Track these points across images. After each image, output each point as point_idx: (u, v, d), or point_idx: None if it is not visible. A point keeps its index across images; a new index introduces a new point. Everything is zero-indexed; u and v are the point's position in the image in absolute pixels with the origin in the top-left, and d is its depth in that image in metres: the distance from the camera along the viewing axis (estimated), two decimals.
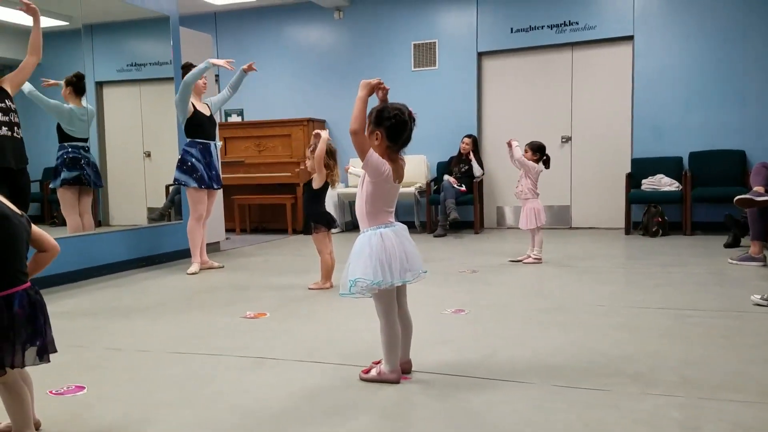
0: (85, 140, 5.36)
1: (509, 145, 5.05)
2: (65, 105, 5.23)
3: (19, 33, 5.90)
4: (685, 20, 7.00)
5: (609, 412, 1.98)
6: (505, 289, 4.05)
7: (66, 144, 5.25)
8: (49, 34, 6.18)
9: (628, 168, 7.18)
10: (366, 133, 2.24)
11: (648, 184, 6.91)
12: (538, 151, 5.05)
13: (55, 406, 2.17)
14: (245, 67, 5.26)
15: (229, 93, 5.34)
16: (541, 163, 5.04)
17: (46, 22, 5.92)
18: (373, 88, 2.24)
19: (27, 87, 4.82)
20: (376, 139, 2.25)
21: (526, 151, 5.05)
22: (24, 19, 4.24)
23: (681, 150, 7.03)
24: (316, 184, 4.14)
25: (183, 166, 4.99)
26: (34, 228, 1.89)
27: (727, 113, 6.87)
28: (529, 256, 5.03)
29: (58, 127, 5.21)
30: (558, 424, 1.91)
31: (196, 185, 4.99)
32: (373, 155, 2.21)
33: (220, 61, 5.02)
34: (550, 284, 4.21)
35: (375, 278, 2.17)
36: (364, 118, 2.19)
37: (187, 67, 5.07)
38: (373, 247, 2.21)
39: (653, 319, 3.17)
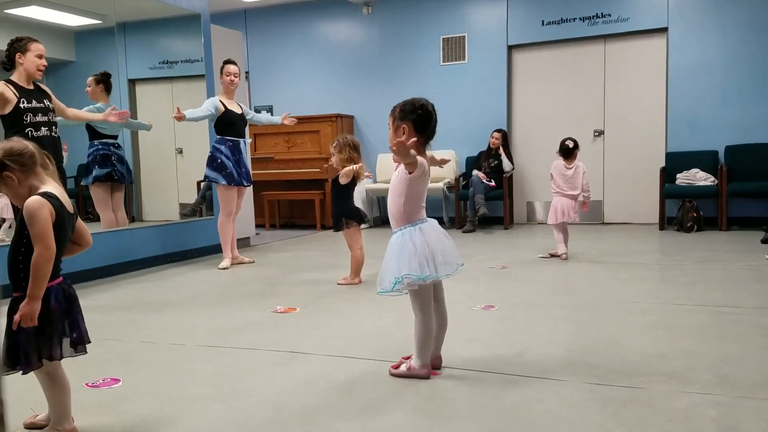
0: (115, 137, 5.45)
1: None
2: (95, 106, 5.31)
3: (57, 32, 6.02)
4: (721, 11, 6.83)
5: (644, 411, 1.95)
6: (536, 286, 4.01)
7: (96, 141, 5.34)
8: (83, 33, 6.30)
9: (662, 162, 7.05)
10: (392, 131, 2.28)
11: (683, 178, 6.77)
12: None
13: (90, 398, 2.21)
14: (284, 120, 5.43)
15: (255, 119, 5.52)
16: (556, 163, 4.99)
17: (81, 20, 6.04)
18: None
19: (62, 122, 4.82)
20: (404, 133, 2.25)
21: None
22: (62, 19, 4.31)
23: (716, 144, 6.87)
24: (343, 180, 4.15)
25: (213, 163, 5.05)
26: (80, 222, 1.93)
27: (764, 106, 6.69)
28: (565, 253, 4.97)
29: (88, 125, 5.30)
30: (592, 422, 1.88)
31: (225, 182, 5.04)
32: (419, 158, 2.21)
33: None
34: (582, 281, 4.15)
35: (423, 273, 2.17)
36: (414, 155, 2.16)
37: (224, 62, 5.12)
38: (417, 243, 2.21)
39: (689, 316, 3.11)
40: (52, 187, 1.82)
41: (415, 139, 2.17)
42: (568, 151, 4.99)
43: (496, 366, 2.41)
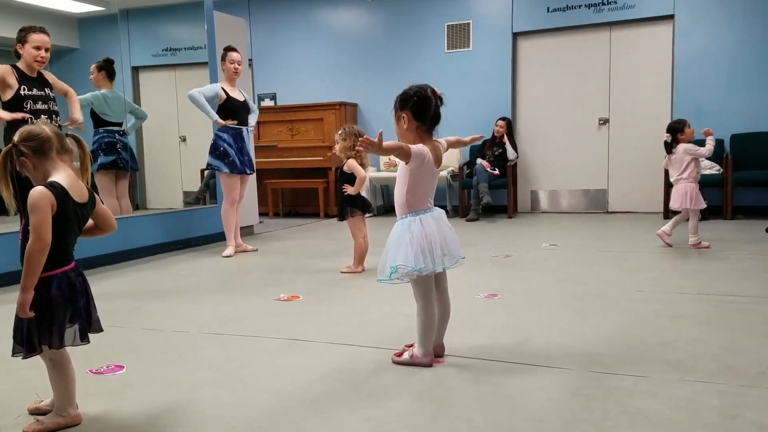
0: (120, 124, 5.44)
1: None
2: (96, 92, 5.30)
3: (60, 19, 6.00)
4: None
5: (647, 399, 1.95)
6: (540, 274, 4.00)
7: (101, 129, 5.34)
8: (87, 20, 6.29)
9: None
10: (395, 122, 2.28)
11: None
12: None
13: (94, 385, 2.22)
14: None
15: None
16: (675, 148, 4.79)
17: (84, 7, 6.03)
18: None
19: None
20: (405, 122, 2.23)
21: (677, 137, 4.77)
22: (65, 6, 4.30)
23: (722, 132, 6.82)
24: (348, 169, 4.14)
25: (215, 151, 5.04)
26: (102, 207, 1.94)
27: None
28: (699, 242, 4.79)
29: (93, 113, 5.30)
30: (595, 410, 1.88)
31: (228, 170, 5.03)
32: (413, 147, 2.19)
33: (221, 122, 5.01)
34: (586, 269, 4.14)
35: (417, 265, 2.16)
36: (400, 146, 2.17)
37: (225, 50, 5.09)
38: (415, 234, 2.20)
39: (693, 305, 3.10)
40: (63, 175, 1.81)
41: (371, 140, 2.08)
42: (666, 145, 4.86)
43: (499, 354, 2.41)
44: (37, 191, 1.73)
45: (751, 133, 6.68)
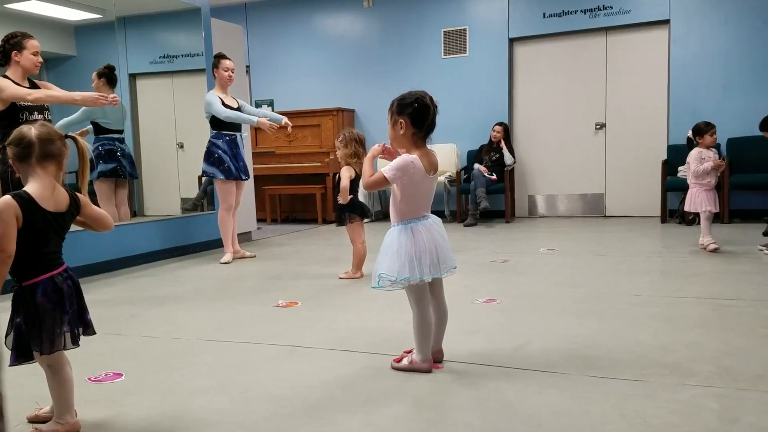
0: (120, 132, 5.45)
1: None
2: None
3: (57, 27, 6.01)
4: (723, 3, 6.80)
5: (646, 403, 1.95)
6: (538, 279, 4.01)
7: (101, 137, 5.34)
8: (83, 27, 6.30)
9: (664, 155, 7.04)
10: (390, 126, 2.28)
11: (684, 171, 6.75)
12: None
13: (93, 392, 2.22)
14: (275, 126, 5.26)
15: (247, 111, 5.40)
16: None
17: (81, 15, 6.03)
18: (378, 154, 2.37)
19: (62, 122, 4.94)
20: (401, 128, 2.24)
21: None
22: (62, 14, 4.30)
23: (719, 136, 6.75)
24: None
25: (210, 158, 5.04)
26: (93, 209, 1.93)
27: (767, 98, 6.67)
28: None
29: (93, 121, 5.30)
30: (594, 414, 1.89)
31: (223, 177, 5.03)
32: (394, 163, 2.22)
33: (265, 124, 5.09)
34: (584, 274, 4.15)
35: (401, 275, 2.17)
36: (372, 172, 2.30)
37: (218, 57, 5.08)
38: (403, 243, 2.20)
39: (691, 308, 3.11)
40: (37, 185, 1.77)
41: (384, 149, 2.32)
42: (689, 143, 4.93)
43: (498, 359, 2.41)
44: (2, 201, 1.71)
45: (748, 137, 6.69)
